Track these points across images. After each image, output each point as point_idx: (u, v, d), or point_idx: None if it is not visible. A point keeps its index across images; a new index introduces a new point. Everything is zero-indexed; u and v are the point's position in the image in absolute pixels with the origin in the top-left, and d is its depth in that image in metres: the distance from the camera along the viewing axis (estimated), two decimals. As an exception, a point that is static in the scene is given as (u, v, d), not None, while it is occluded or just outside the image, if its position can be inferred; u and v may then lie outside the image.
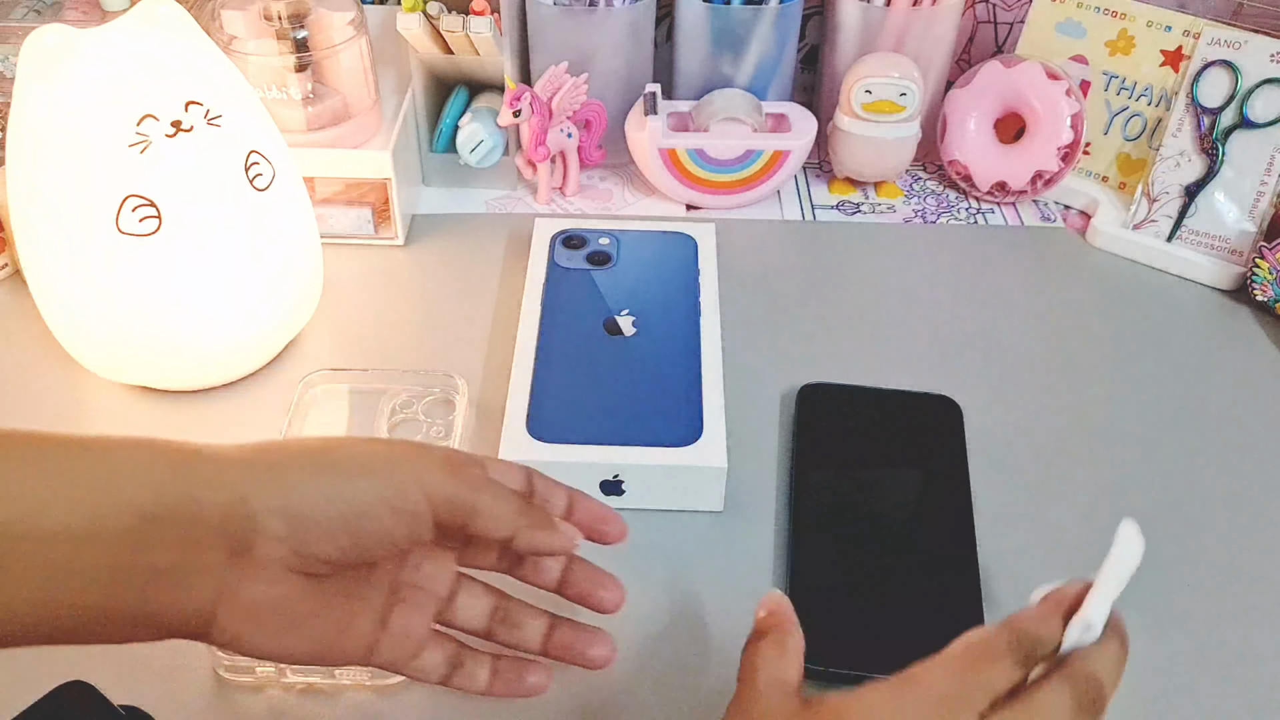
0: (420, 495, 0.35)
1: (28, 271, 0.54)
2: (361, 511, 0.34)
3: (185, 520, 0.31)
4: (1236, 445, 0.56)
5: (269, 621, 0.34)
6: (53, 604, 0.30)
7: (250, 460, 0.33)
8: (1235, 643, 0.46)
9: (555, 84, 0.68)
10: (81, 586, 0.30)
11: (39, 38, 0.47)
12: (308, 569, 0.34)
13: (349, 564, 0.35)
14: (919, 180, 0.76)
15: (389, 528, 0.34)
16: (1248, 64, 0.64)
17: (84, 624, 0.31)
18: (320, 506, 0.33)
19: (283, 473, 0.33)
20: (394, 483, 0.35)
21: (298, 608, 0.34)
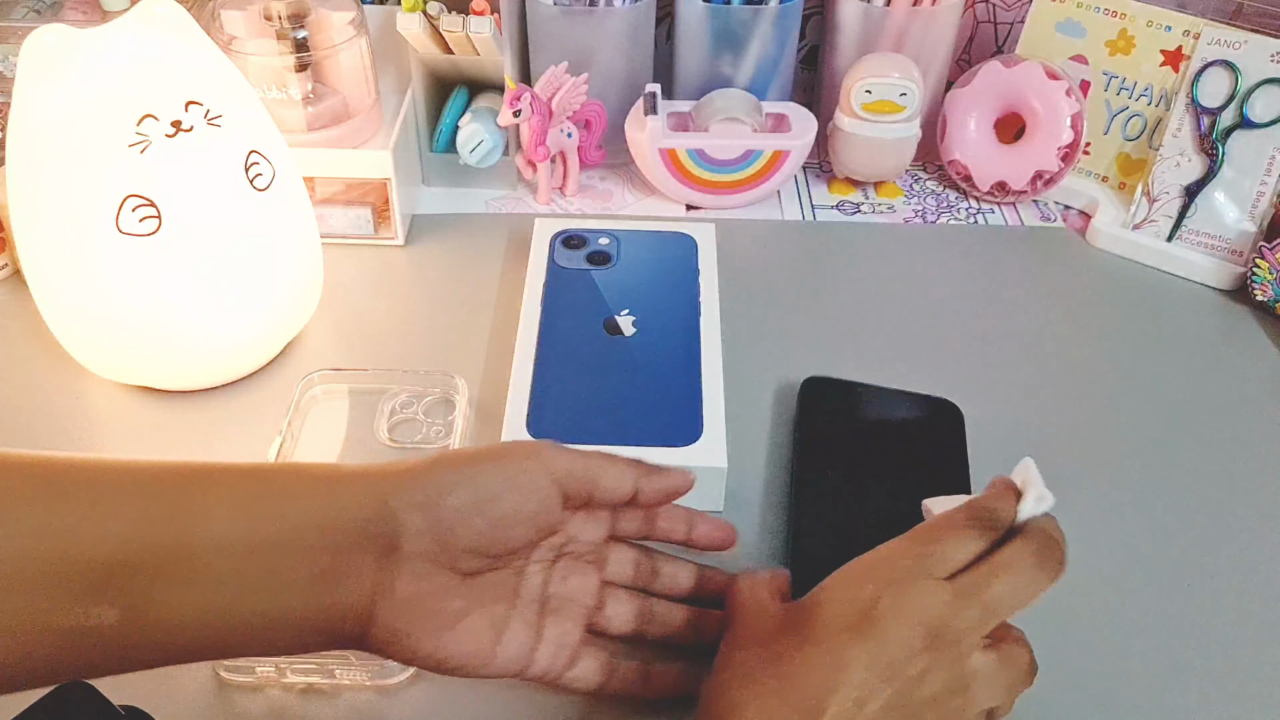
0: (541, 470, 0.38)
1: (28, 271, 0.54)
2: (490, 494, 0.36)
3: (335, 528, 0.34)
4: (1237, 445, 0.56)
5: (425, 620, 0.35)
6: (232, 612, 0.33)
7: (386, 470, 0.36)
8: (1236, 643, 0.46)
9: (555, 84, 0.68)
10: (255, 594, 0.33)
11: (39, 38, 0.47)
12: (454, 563, 0.36)
13: (491, 552, 0.37)
14: (919, 180, 0.76)
15: (518, 505, 0.37)
16: (1248, 64, 0.64)
17: (257, 631, 0.34)
18: (452, 497, 0.36)
19: (415, 474, 0.36)
20: (515, 463, 0.38)
21: (450, 605, 0.36)
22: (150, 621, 0.32)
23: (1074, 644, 0.46)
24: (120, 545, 0.31)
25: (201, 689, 0.43)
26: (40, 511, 0.31)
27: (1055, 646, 0.46)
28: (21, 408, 0.56)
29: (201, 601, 0.32)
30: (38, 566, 0.30)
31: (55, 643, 0.31)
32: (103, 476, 0.33)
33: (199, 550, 0.32)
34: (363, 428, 0.55)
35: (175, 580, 0.32)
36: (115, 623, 0.31)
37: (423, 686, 0.44)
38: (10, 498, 0.31)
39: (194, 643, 0.33)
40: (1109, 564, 0.50)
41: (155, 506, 0.32)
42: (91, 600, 0.31)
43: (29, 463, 0.32)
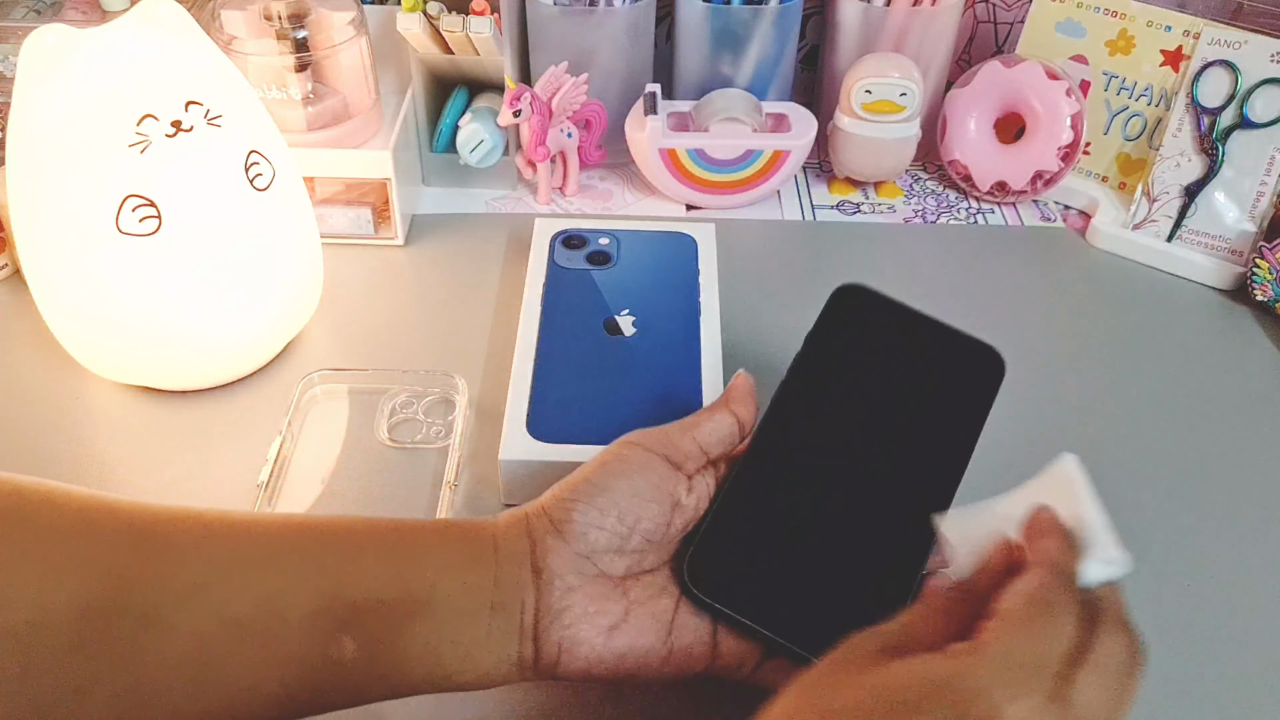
0: (639, 450, 0.40)
1: (28, 271, 0.54)
2: (604, 491, 0.39)
3: (507, 562, 0.38)
4: (1237, 445, 0.56)
5: (586, 628, 0.38)
6: (445, 647, 0.37)
7: (528, 508, 0.40)
8: (1237, 643, 0.46)
9: (555, 84, 0.68)
10: (460, 627, 0.37)
11: (39, 38, 0.47)
12: (600, 568, 0.39)
13: (630, 546, 0.39)
14: (919, 180, 0.76)
15: (634, 489, 0.39)
16: (1248, 64, 0.64)
17: (464, 661, 0.37)
18: (575, 510, 0.39)
19: (545, 503, 0.39)
20: (614, 456, 0.40)
21: (609, 609, 0.38)
22: (383, 655, 0.36)
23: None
24: (366, 587, 0.36)
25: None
26: (306, 560, 0.37)
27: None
28: (21, 408, 0.56)
29: (423, 635, 0.36)
30: (307, 603, 0.36)
31: (319, 672, 0.36)
32: (349, 529, 0.38)
33: (419, 590, 0.37)
34: (363, 428, 0.55)
35: (403, 616, 0.36)
36: (354, 655, 0.36)
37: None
38: (286, 549, 0.37)
39: (416, 675, 0.37)
40: (1109, 564, 0.50)
41: (386, 555, 0.37)
42: (340, 633, 0.36)
43: (301, 523, 0.38)
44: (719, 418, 0.42)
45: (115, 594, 0.34)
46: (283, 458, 0.52)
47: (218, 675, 0.34)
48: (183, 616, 0.34)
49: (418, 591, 0.37)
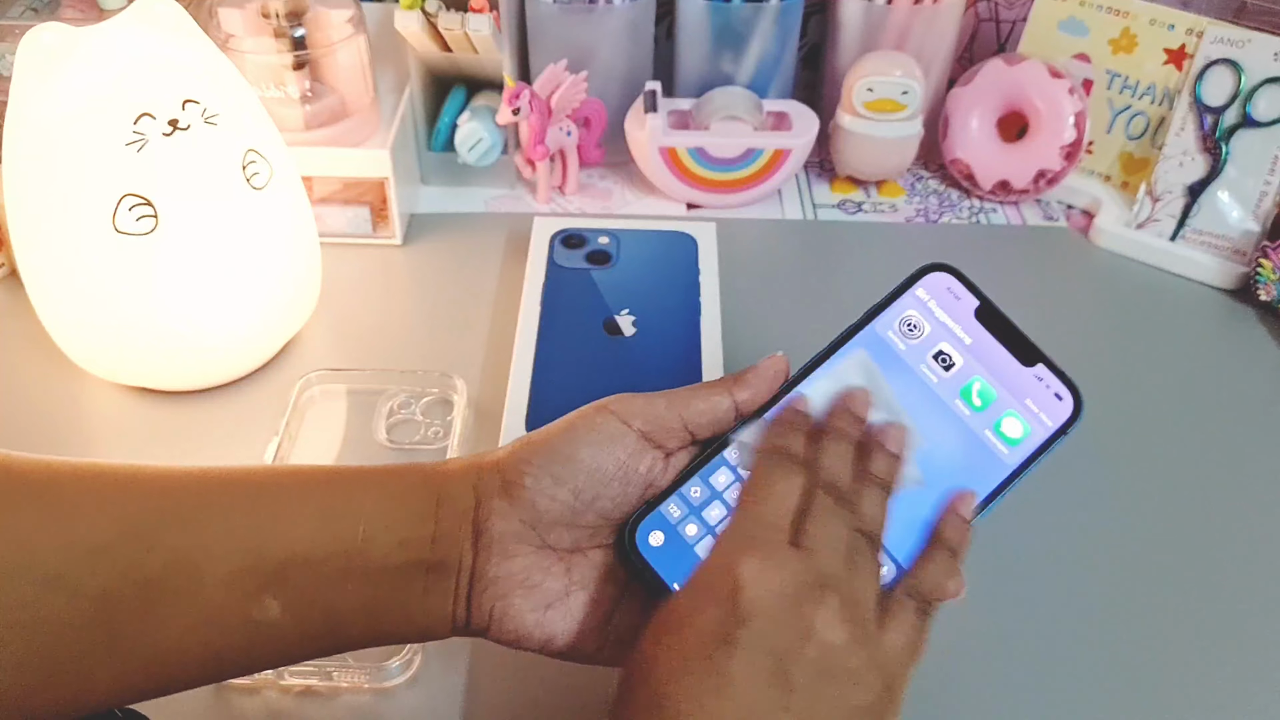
0: (613, 422, 0.37)
1: (24, 271, 0.53)
2: (566, 461, 0.36)
3: (446, 519, 0.36)
4: (1239, 445, 0.56)
5: (521, 600, 0.36)
6: (380, 603, 0.35)
7: (479, 462, 0.37)
8: (1238, 643, 0.46)
9: (554, 82, 0.67)
10: (396, 585, 0.35)
11: (36, 36, 0.46)
12: (546, 540, 0.36)
13: (583, 522, 0.36)
14: (921, 179, 0.76)
15: (598, 464, 0.36)
16: (1251, 63, 0.64)
17: (399, 619, 0.36)
18: (529, 475, 0.36)
19: (499, 461, 0.37)
20: (585, 423, 0.37)
21: (548, 584, 0.36)
22: (314, 614, 0.35)
23: (1074, 644, 0.46)
24: (291, 545, 0.34)
25: (199, 690, 0.43)
26: (223, 517, 0.35)
27: (1054, 646, 0.45)
28: (18, 408, 0.56)
29: (356, 594, 0.35)
30: (226, 563, 0.34)
31: (243, 632, 0.34)
32: (274, 482, 0.36)
33: (351, 547, 0.35)
34: (361, 428, 0.55)
35: (332, 575, 0.34)
36: (281, 615, 0.34)
37: (420, 690, 0.44)
38: (200, 506, 0.35)
39: (352, 632, 0.35)
40: (1110, 564, 0.49)
41: (314, 510, 0.35)
42: (264, 593, 0.34)
43: (221, 478, 0.36)
44: (715, 399, 0.38)
45: (14, 555, 0.32)
46: (280, 458, 0.52)
47: (131, 638, 0.33)
48: (89, 578, 0.32)
49: (350, 548, 0.35)
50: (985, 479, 0.38)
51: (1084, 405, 0.39)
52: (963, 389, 0.39)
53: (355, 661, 0.43)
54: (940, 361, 0.39)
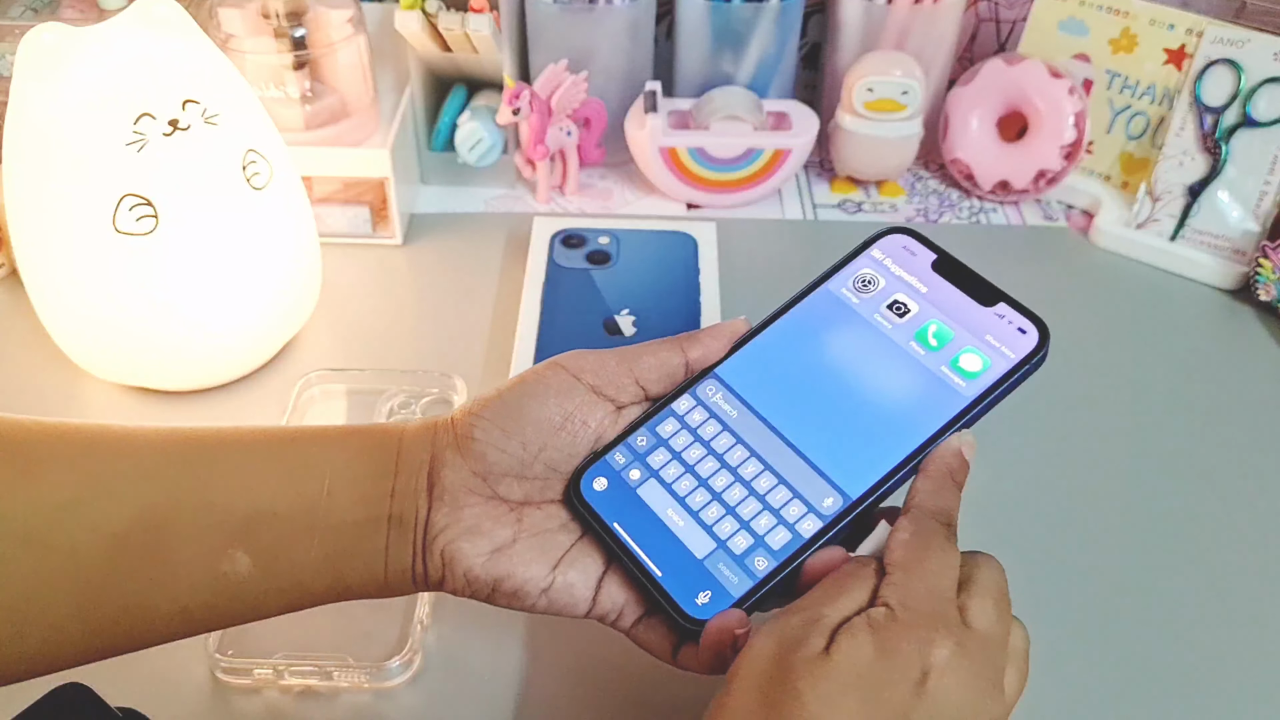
0: (562, 375, 0.38)
1: (24, 271, 0.53)
2: (514, 413, 0.37)
3: (404, 474, 0.37)
4: (1239, 445, 0.56)
5: (469, 547, 0.36)
6: (345, 556, 0.36)
7: (439, 420, 0.38)
8: (1239, 643, 0.46)
9: (554, 82, 0.67)
10: (359, 537, 0.36)
11: (36, 36, 0.46)
12: (496, 491, 0.37)
13: (532, 473, 0.37)
14: (921, 179, 0.76)
15: (545, 414, 0.37)
16: (1251, 63, 0.64)
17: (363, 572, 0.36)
18: (478, 428, 0.37)
19: (455, 417, 0.38)
20: (535, 376, 0.38)
21: (497, 531, 0.36)
22: (280, 568, 0.35)
23: (1075, 644, 0.46)
24: (256, 500, 0.35)
25: (199, 691, 0.43)
26: (190, 472, 0.35)
27: (1055, 646, 0.45)
28: (18, 408, 0.56)
29: (321, 548, 0.35)
30: (194, 518, 0.35)
31: (211, 587, 0.35)
32: (240, 440, 0.37)
33: (316, 503, 0.35)
34: (361, 428, 0.55)
35: (298, 530, 0.35)
36: (249, 570, 0.35)
37: (420, 689, 0.44)
38: (166, 462, 0.35)
39: (317, 587, 0.36)
40: (1111, 564, 0.49)
41: (279, 467, 0.36)
42: (232, 548, 0.35)
43: (187, 436, 0.37)
44: (664, 354, 0.39)
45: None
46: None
47: (101, 593, 0.34)
48: (58, 534, 0.33)
49: (314, 503, 0.35)
50: (941, 412, 0.38)
51: (1049, 336, 0.40)
52: (918, 332, 0.40)
53: (355, 661, 0.43)
54: (895, 310, 0.41)
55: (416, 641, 0.44)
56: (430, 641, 0.45)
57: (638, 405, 0.40)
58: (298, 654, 0.43)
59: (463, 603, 0.46)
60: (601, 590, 0.37)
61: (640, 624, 0.38)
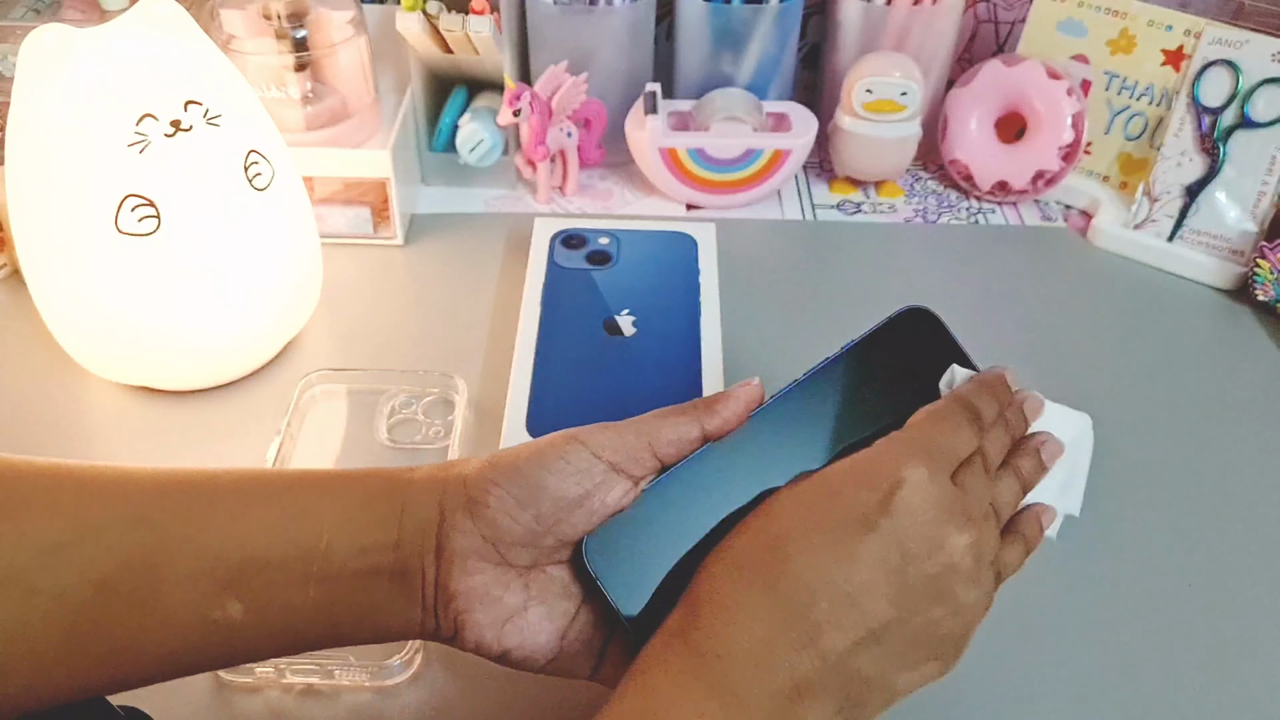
0: (582, 452, 0.37)
1: (27, 271, 0.54)
2: (533, 486, 0.36)
3: (409, 527, 0.36)
4: (1238, 445, 0.56)
5: (481, 614, 0.36)
6: (339, 604, 0.36)
7: (446, 474, 0.37)
8: (1239, 644, 0.46)
9: (555, 83, 0.67)
10: (356, 588, 0.36)
11: (38, 37, 0.47)
12: (506, 558, 0.36)
13: (544, 544, 0.37)
14: (920, 180, 0.76)
15: (563, 490, 0.36)
16: (1249, 63, 0.64)
17: (362, 621, 0.36)
18: (494, 495, 0.36)
19: (466, 477, 0.37)
20: (555, 451, 0.37)
21: (507, 599, 0.36)
22: (273, 616, 0.35)
23: (1076, 644, 0.46)
24: (249, 548, 0.35)
25: (200, 690, 0.43)
26: (182, 517, 0.35)
27: (1056, 646, 0.46)
28: (20, 408, 0.56)
29: (317, 598, 0.35)
30: (184, 564, 0.34)
31: (201, 632, 0.34)
32: (235, 485, 0.36)
33: (312, 551, 0.35)
34: (362, 428, 0.55)
35: (292, 579, 0.35)
36: (241, 616, 0.34)
37: (421, 688, 0.44)
38: (158, 506, 0.35)
39: (311, 635, 0.36)
40: (1111, 564, 0.49)
41: (274, 513, 0.36)
42: (224, 595, 0.34)
43: (182, 479, 0.36)
44: (683, 427, 0.38)
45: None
46: (282, 458, 0.52)
47: (88, 638, 0.33)
48: (44, 577, 0.33)
49: (310, 552, 0.35)
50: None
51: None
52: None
53: (356, 660, 0.43)
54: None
55: (417, 640, 0.44)
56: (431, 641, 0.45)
57: (652, 476, 0.38)
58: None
59: (464, 602, 0.46)
60: (605, 661, 0.38)
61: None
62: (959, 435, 0.36)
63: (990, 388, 0.39)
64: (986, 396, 0.38)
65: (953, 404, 0.37)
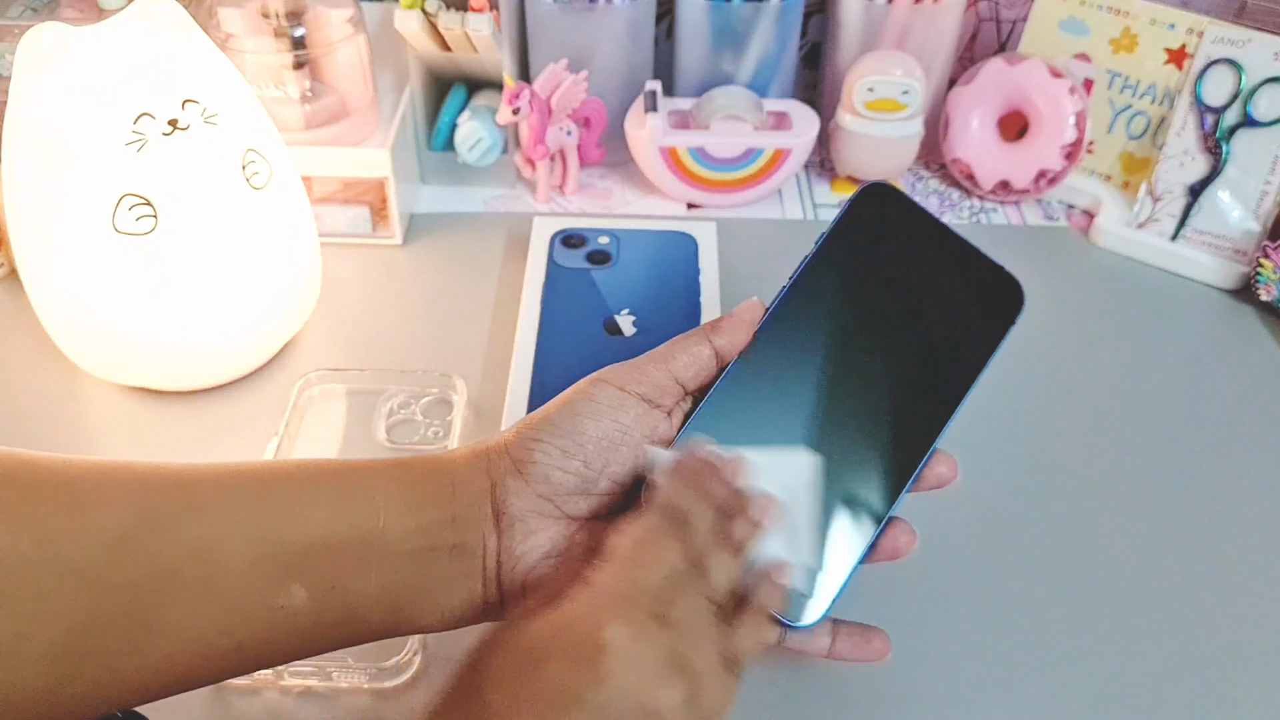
0: (611, 390, 0.38)
1: (23, 271, 0.53)
2: (571, 433, 0.37)
3: (464, 502, 0.37)
4: (1240, 445, 0.56)
5: (550, 572, 0.36)
6: (403, 588, 0.36)
7: (489, 446, 0.38)
8: (1238, 644, 0.46)
9: (554, 81, 0.67)
10: (420, 568, 0.36)
11: (35, 36, 0.46)
12: (563, 509, 0.37)
13: (598, 489, 0.38)
14: (921, 179, 0.76)
15: (604, 431, 0.37)
16: (1251, 62, 0.64)
17: (426, 603, 0.36)
18: (538, 451, 0.37)
19: (507, 442, 0.38)
20: (583, 396, 0.38)
21: (572, 553, 0.37)
22: (335, 601, 0.35)
23: (1077, 644, 0.46)
24: (310, 532, 0.35)
25: (199, 692, 0.43)
26: (242, 506, 0.35)
27: (1053, 647, 0.45)
28: (17, 409, 0.56)
29: (378, 580, 0.35)
30: (247, 551, 0.34)
31: (267, 621, 0.35)
32: (289, 474, 0.37)
33: (371, 534, 0.36)
34: (360, 428, 0.55)
35: (352, 561, 0.35)
36: (304, 602, 0.35)
37: (420, 690, 0.44)
38: (217, 497, 0.35)
39: (373, 619, 0.36)
40: (1111, 564, 0.49)
41: (332, 499, 0.36)
42: (287, 580, 0.35)
43: (238, 470, 0.36)
44: (695, 349, 0.39)
45: (32, 547, 0.32)
46: (281, 459, 0.52)
47: (155, 629, 0.33)
48: (111, 570, 0.33)
49: (369, 533, 0.35)
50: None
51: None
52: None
53: (355, 661, 0.43)
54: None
55: (416, 642, 0.44)
56: (430, 642, 0.45)
57: (681, 406, 0.40)
58: (297, 655, 0.43)
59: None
60: None
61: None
62: (662, 562, 0.34)
63: (692, 475, 0.36)
64: (689, 491, 0.36)
65: (652, 524, 0.35)
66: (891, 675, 0.44)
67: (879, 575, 0.41)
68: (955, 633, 0.46)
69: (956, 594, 0.48)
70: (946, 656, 0.45)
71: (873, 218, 0.42)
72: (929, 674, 0.45)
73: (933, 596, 0.47)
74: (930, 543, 0.50)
